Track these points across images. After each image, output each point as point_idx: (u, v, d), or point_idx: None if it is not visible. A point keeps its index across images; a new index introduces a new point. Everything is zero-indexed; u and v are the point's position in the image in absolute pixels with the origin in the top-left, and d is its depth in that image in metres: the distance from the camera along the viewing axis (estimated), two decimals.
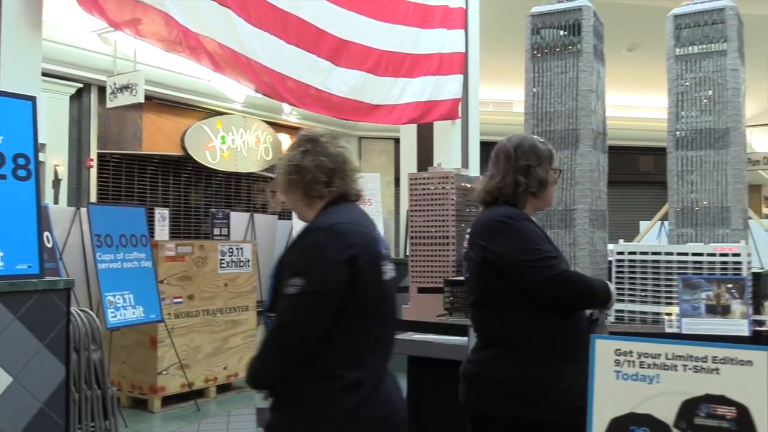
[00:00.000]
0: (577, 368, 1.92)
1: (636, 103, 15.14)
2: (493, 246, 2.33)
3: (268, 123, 11.88)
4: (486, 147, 13.65)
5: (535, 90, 3.65)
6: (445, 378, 3.15)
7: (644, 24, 9.26)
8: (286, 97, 5.77)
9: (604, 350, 1.39)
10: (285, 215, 10.39)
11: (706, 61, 3.60)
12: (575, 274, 2.44)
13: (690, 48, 3.67)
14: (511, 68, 3.76)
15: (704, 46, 3.62)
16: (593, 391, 1.36)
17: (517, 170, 2.42)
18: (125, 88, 6.89)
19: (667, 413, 1.33)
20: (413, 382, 3.61)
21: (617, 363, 1.38)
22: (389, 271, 2.09)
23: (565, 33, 3.60)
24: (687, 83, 3.64)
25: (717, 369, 1.33)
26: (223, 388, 6.70)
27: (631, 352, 1.38)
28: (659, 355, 1.37)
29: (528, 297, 2.29)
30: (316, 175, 2.10)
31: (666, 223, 4.20)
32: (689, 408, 1.33)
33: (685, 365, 1.35)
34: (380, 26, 6.50)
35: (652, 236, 6.84)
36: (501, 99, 14.60)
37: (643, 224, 7.71)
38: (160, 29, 4.82)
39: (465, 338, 3.11)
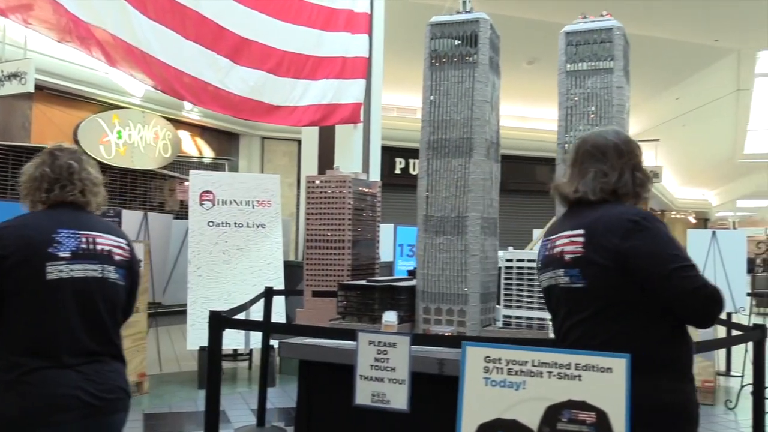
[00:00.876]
0: None
1: (534, 114, 15.70)
2: (630, 249, 2.07)
3: (168, 119, 11.57)
4: (388, 152, 13.82)
5: (432, 98, 3.69)
6: (337, 382, 3.14)
7: (543, 39, 9.57)
8: (183, 94, 5.61)
9: (474, 357, 1.42)
10: (182, 215, 10.13)
11: (594, 78, 3.75)
12: (716, 288, 2.12)
13: (580, 64, 3.81)
14: (415, 75, 3.83)
15: (593, 64, 3.77)
16: (462, 397, 1.38)
17: (633, 167, 2.27)
18: (14, 76, 6.53)
19: (532, 419, 1.37)
20: (304, 386, 3.58)
21: (486, 370, 1.41)
22: (69, 271, 2.28)
23: (462, 44, 3.66)
24: (576, 98, 3.78)
25: (579, 376, 1.37)
26: None
27: (500, 359, 1.41)
28: (526, 362, 1.40)
29: (665, 306, 2.07)
30: (40, 183, 2.42)
31: None
32: (553, 413, 1.37)
33: (550, 372, 1.39)
34: (283, 26, 6.44)
35: None
36: (405, 105, 14.80)
37: (537, 232, 7.96)
38: (49, 17, 4.58)
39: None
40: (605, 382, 1.35)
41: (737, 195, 32.58)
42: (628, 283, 2.06)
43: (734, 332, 4.09)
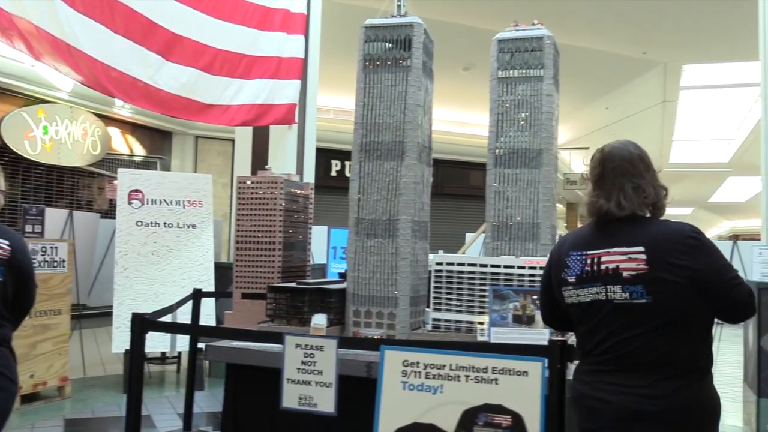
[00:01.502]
0: None
1: (470, 120, 15.88)
2: (698, 265, 2.15)
3: (98, 115, 11.24)
4: (324, 154, 13.76)
5: (365, 101, 3.69)
6: (264, 385, 3.10)
7: (478, 45, 9.71)
8: (110, 90, 5.45)
9: (392, 361, 1.41)
10: (111, 214, 9.84)
11: (525, 85, 3.82)
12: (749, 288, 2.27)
13: (511, 71, 3.87)
14: (352, 77, 3.78)
15: (523, 71, 3.84)
16: (380, 401, 1.37)
17: (656, 179, 2.38)
18: None
19: (449, 423, 1.37)
20: (231, 389, 3.51)
21: (404, 374, 1.41)
22: None
23: (396, 47, 3.67)
24: (507, 105, 3.84)
25: (496, 379, 1.39)
26: (28, 398, 6.19)
27: (418, 363, 1.41)
28: (444, 366, 1.41)
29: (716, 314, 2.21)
30: None
31: None
32: (469, 417, 1.38)
33: (467, 376, 1.40)
34: (217, 24, 6.33)
35: (478, 248, 7.18)
36: (342, 107, 14.77)
37: (469, 236, 8.06)
38: None
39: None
40: (521, 385, 1.37)
41: None
42: (695, 297, 2.15)
43: None
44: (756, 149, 5.80)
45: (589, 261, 2.28)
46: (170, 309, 4.34)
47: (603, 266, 2.24)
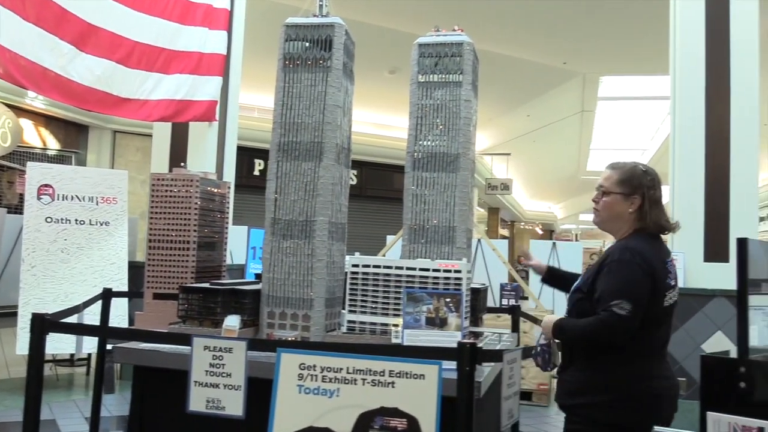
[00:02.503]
0: None
1: (395, 123, 15.96)
2: None
3: (9, 106, 10.75)
4: (247, 152, 13.57)
5: (284, 100, 3.65)
6: (173, 388, 3.01)
7: (403, 49, 9.79)
8: (18, 79, 5.21)
9: (288, 364, 1.39)
10: (19, 209, 9.41)
11: (444, 90, 3.85)
12: None
13: (431, 76, 3.90)
14: None
15: (443, 76, 3.87)
16: (275, 405, 1.35)
17: None
18: None
19: (345, 426, 1.36)
20: (138, 392, 3.41)
21: (300, 377, 1.39)
22: None
23: (317, 47, 3.64)
24: (426, 109, 3.86)
25: (393, 383, 1.38)
26: None
27: (314, 366, 1.39)
28: (341, 369, 1.40)
29: None
30: None
31: None
32: (365, 420, 1.37)
33: (364, 379, 1.39)
34: (135, 16, 6.14)
35: (399, 250, 7.19)
36: (267, 106, 14.59)
37: (390, 238, 8.10)
38: None
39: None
40: (418, 388, 1.37)
41: (580, 209, 34.80)
42: None
43: None
44: (667, 160, 6.06)
45: (672, 267, 2.61)
46: (76, 309, 4.18)
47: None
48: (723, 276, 5.05)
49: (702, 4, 5.72)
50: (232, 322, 3.29)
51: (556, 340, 2.69)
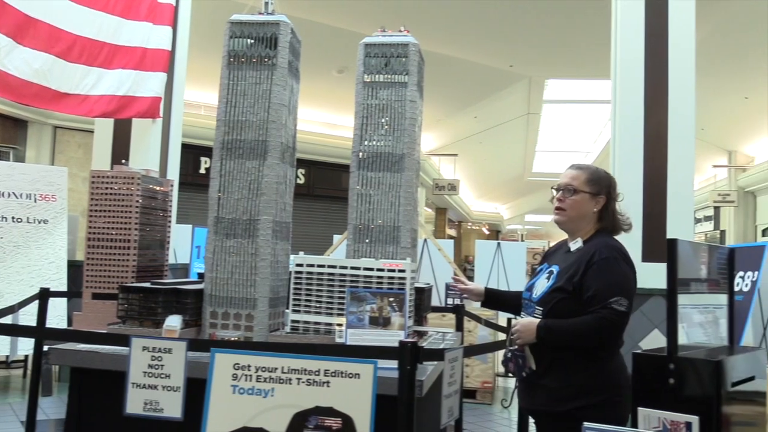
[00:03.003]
0: None
1: (343, 122, 15.96)
2: None
3: None
4: (193, 150, 13.36)
5: (228, 97, 3.61)
6: (111, 391, 2.95)
7: (351, 48, 9.80)
8: None
9: (222, 364, 1.38)
10: None
11: (389, 90, 3.86)
12: None
13: (376, 76, 3.91)
14: None
15: (388, 76, 3.88)
16: (208, 405, 1.34)
17: None
18: None
19: (279, 426, 1.36)
20: (75, 395, 3.32)
21: (235, 377, 1.38)
22: None
23: (262, 45, 3.62)
24: (371, 109, 3.87)
25: (328, 382, 1.39)
26: None
27: (249, 366, 1.39)
28: (276, 368, 1.39)
29: None
30: None
31: None
32: (300, 420, 1.37)
33: (299, 378, 1.39)
34: (76, 9, 5.99)
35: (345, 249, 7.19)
36: (213, 103, 14.39)
37: (337, 237, 8.08)
38: None
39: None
40: (353, 387, 1.37)
41: (525, 210, 35.37)
42: None
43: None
44: (608, 162, 6.20)
45: None
46: (11, 309, 4.06)
47: None
48: (660, 276, 5.17)
49: (642, 11, 5.87)
50: (173, 322, 3.24)
51: (527, 345, 2.62)
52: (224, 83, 3.63)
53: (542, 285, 2.70)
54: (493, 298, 3.23)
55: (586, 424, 1.37)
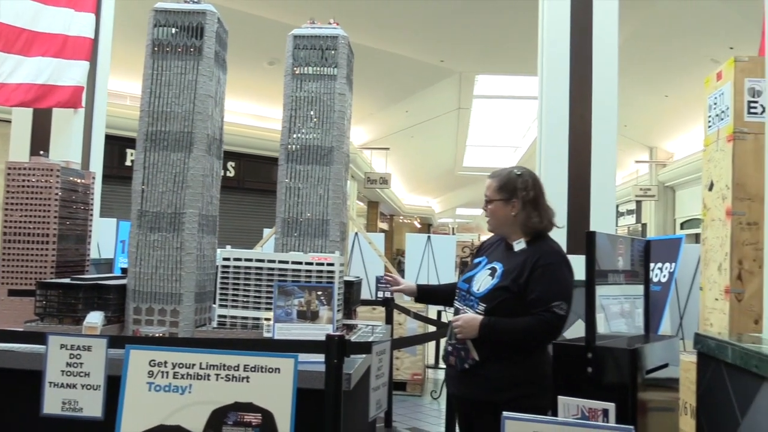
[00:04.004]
0: None
1: (274, 115, 15.77)
2: None
3: None
4: (119, 142, 12.94)
5: (152, 88, 3.52)
6: (28, 390, 2.84)
7: (282, 40, 9.69)
8: None
9: (138, 361, 1.34)
10: None
11: (318, 83, 3.84)
12: None
13: (305, 68, 3.88)
14: None
15: (317, 69, 3.86)
16: (123, 403, 1.30)
17: None
18: None
19: (197, 423, 1.33)
20: None
21: (151, 374, 1.35)
22: None
23: (187, 34, 3.54)
24: (300, 101, 3.84)
25: (247, 377, 1.37)
26: None
27: (165, 362, 1.36)
28: (193, 365, 1.36)
29: None
30: None
31: None
32: (218, 417, 1.35)
33: (217, 374, 1.37)
34: None
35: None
36: (140, 94, 14.00)
37: (267, 231, 8.01)
38: None
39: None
40: (273, 382, 1.36)
41: (456, 204, 35.81)
42: None
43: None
44: (536, 158, 6.33)
45: None
46: None
47: None
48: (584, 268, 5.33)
49: (567, 9, 6.00)
50: (94, 318, 3.15)
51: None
52: (148, 73, 3.54)
53: (485, 281, 2.74)
54: (426, 294, 3.28)
55: (505, 413, 1.40)
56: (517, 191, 2.77)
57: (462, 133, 20.33)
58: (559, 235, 5.77)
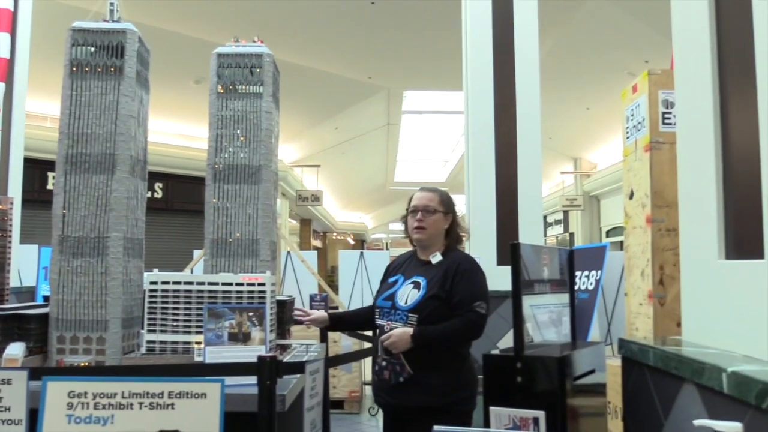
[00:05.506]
0: None
1: (202, 134, 15.54)
2: None
3: None
4: (40, 165, 12.56)
5: (71, 109, 3.42)
6: None
7: (208, 59, 9.58)
8: None
9: (56, 393, 1.29)
10: None
11: (244, 101, 3.81)
12: None
13: (230, 87, 3.85)
14: None
15: (243, 87, 3.83)
16: None
17: None
18: None
19: None
20: None
21: (70, 406, 1.30)
22: None
23: (107, 54, 3.46)
24: (226, 120, 3.80)
25: (173, 404, 1.34)
26: None
27: (85, 393, 1.31)
28: (115, 394, 1.32)
29: None
30: None
31: None
32: None
33: (141, 403, 1.33)
34: None
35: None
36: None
37: (197, 252, 7.87)
38: None
39: None
40: (199, 408, 1.33)
41: (389, 219, 35.94)
42: None
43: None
44: (464, 171, 6.45)
45: None
46: None
47: None
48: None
49: (489, 26, 6.15)
50: (14, 350, 3.02)
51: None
52: (67, 94, 3.44)
53: (411, 294, 2.89)
54: (338, 322, 3.41)
55: (435, 427, 1.41)
56: (452, 207, 3.04)
57: (392, 149, 20.49)
58: (488, 246, 5.89)
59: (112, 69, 3.46)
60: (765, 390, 1.47)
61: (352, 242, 36.21)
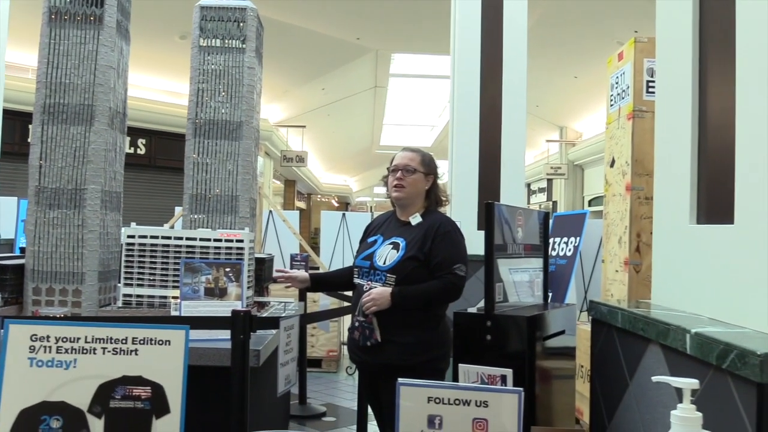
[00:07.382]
0: None
1: (186, 90, 15.37)
2: None
3: None
4: (20, 117, 12.42)
5: (49, 57, 3.37)
6: None
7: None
8: None
9: (18, 336, 1.29)
10: None
11: (226, 56, 3.77)
12: None
13: (213, 41, 3.80)
14: None
15: (225, 41, 3.79)
16: (2, 381, 1.25)
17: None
18: None
19: (82, 398, 1.30)
20: None
21: (32, 349, 1.30)
22: None
23: (86, 2, 3.40)
24: (208, 75, 3.76)
25: (136, 350, 1.34)
26: None
27: (48, 336, 1.31)
28: (78, 338, 1.33)
29: None
30: None
31: None
32: (105, 391, 1.32)
33: (104, 348, 1.33)
34: None
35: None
36: None
37: (178, 209, 7.84)
38: None
39: None
40: (163, 354, 1.34)
41: (374, 182, 35.85)
42: None
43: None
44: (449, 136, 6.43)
45: None
46: None
47: None
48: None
49: None
50: None
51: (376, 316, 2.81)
52: (45, 42, 3.39)
53: (390, 254, 2.88)
54: (319, 282, 3.34)
55: (400, 380, 1.42)
56: (433, 168, 3.03)
57: (379, 112, 20.36)
58: (470, 210, 5.90)
59: (92, 18, 3.40)
60: (726, 350, 1.50)
61: (336, 204, 36.20)
